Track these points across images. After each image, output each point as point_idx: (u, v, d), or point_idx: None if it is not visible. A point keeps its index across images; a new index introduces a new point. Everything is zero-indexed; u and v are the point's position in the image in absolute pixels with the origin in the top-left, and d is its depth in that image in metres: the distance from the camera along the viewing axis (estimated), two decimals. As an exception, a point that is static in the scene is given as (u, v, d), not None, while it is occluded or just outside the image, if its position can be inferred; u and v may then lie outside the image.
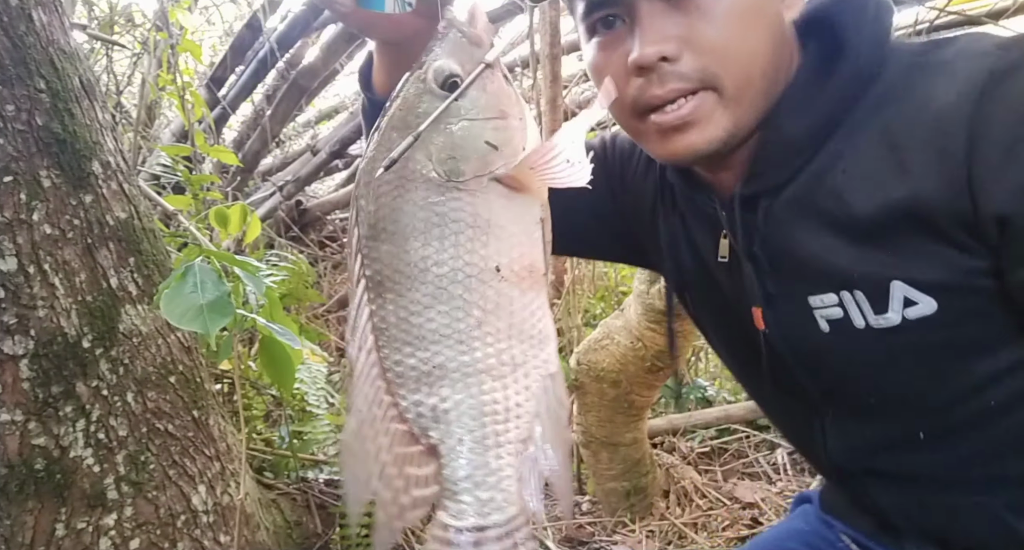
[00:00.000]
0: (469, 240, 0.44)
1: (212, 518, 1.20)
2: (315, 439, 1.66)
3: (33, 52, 1.03)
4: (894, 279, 0.58)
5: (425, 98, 0.45)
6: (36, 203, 1.01)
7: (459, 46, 0.46)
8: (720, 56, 0.58)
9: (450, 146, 0.44)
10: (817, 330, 0.64)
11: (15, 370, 0.99)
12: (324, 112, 4.24)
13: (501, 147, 0.44)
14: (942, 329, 0.58)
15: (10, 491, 1.00)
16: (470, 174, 0.44)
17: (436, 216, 0.44)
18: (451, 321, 0.44)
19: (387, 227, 0.45)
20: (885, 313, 0.59)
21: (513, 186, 0.45)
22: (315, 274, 3.01)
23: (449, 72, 0.44)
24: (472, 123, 0.44)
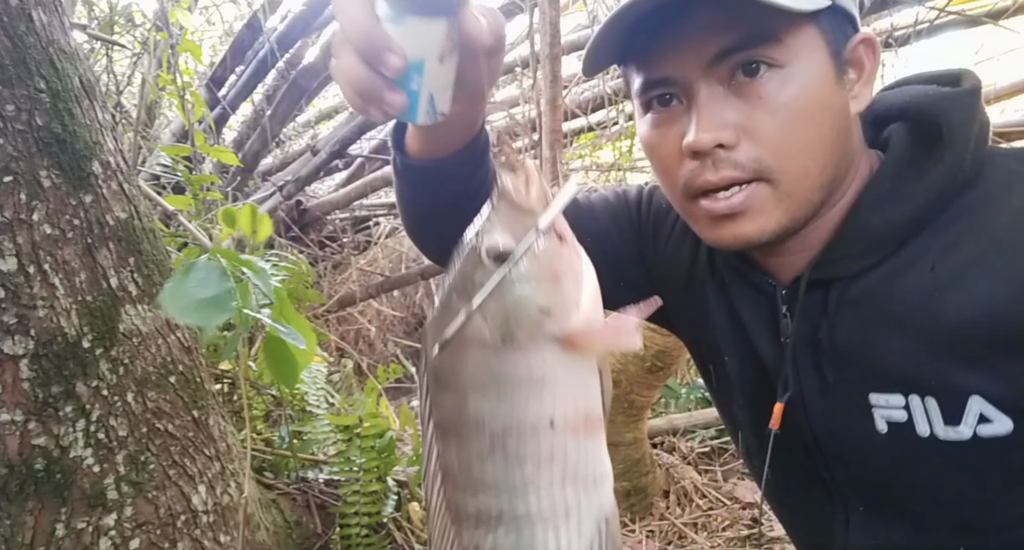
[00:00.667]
0: (524, 397, 0.46)
1: (212, 518, 1.20)
2: (315, 439, 1.66)
3: (33, 52, 1.03)
4: (975, 394, 0.56)
5: (479, 269, 0.47)
6: (36, 203, 1.01)
7: (510, 217, 0.48)
8: (777, 148, 0.56)
9: (503, 313, 0.46)
10: (873, 429, 0.61)
11: (15, 370, 0.99)
12: (324, 112, 4.24)
13: (553, 309, 0.46)
14: (1012, 452, 0.56)
15: (10, 491, 0.99)
16: (523, 338, 0.46)
17: (491, 375, 0.46)
18: (506, 473, 0.46)
19: (448, 380, 0.47)
20: (956, 426, 0.57)
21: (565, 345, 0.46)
22: (315, 274, 3.01)
23: (499, 250, 0.47)
24: (524, 289, 0.46)
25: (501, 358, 0.46)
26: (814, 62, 0.57)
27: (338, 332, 4.27)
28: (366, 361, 4.28)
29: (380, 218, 4.23)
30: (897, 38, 2.69)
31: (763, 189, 0.58)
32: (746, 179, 0.58)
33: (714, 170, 0.58)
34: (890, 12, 2.45)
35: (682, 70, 0.58)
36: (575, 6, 3.47)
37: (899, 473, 0.62)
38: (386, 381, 2.10)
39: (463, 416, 0.47)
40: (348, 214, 3.92)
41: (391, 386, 3.28)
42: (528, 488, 0.46)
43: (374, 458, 1.57)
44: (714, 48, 0.56)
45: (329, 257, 3.88)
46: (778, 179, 0.57)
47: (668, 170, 0.63)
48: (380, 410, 1.73)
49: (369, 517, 1.55)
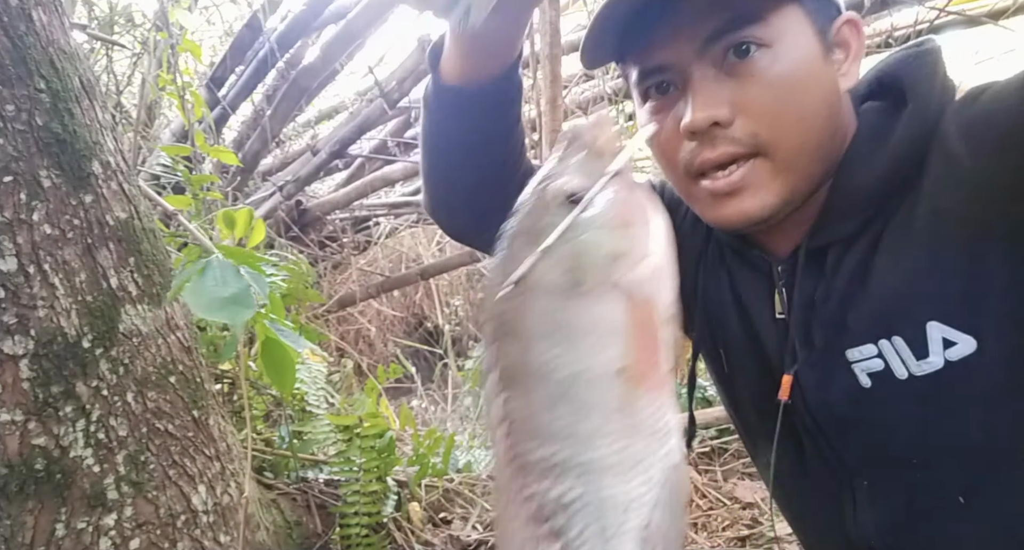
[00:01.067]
0: (591, 345, 0.45)
1: (212, 518, 1.20)
2: (315, 439, 1.66)
3: (33, 52, 1.03)
4: (930, 321, 0.57)
5: (548, 212, 0.47)
6: (36, 203, 1.01)
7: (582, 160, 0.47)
8: (772, 122, 0.58)
9: (572, 257, 0.45)
10: (858, 386, 0.62)
11: (15, 370, 0.99)
12: (324, 112, 4.24)
13: (623, 256, 0.45)
14: (988, 372, 0.57)
15: (10, 491, 0.99)
16: (592, 283, 0.45)
17: (558, 322, 0.45)
18: (573, 422, 0.45)
19: (513, 328, 0.47)
20: (927, 358, 0.58)
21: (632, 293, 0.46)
22: (315, 274, 3.01)
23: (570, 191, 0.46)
24: (594, 234, 0.45)
25: (568, 304, 0.45)
26: (801, 40, 0.59)
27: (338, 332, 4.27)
28: (366, 361, 4.28)
29: (380, 218, 4.23)
30: (897, 38, 2.69)
31: (761, 163, 0.59)
32: (744, 154, 0.59)
33: (712, 148, 0.59)
34: (890, 12, 2.45)
35: (675, 56, 0.60)
36: (575, 6, 3.47)
37: (893, 427, 0.63)
38: (386, 381, 2.10)
39: (528, 364, 0.46)
40: (348, 214, 3.92)
41: (391, 386, 3.28)
42: (595, 438, 0.45)
43: (374, 458, 1.57)
44: (704, 32, 0.58)
45: (329, 257, 3.88)
46: (775, 152, 0.59)
47: (669, 155, 0.65)
48: (380, 410, 1.73)
49: (369, 517, 1.55)
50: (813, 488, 0.72)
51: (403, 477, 1.78)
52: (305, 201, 3.52)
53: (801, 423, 0.69)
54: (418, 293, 5.21)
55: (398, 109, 3.14)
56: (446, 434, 1.88)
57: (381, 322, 4.81)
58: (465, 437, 2.44)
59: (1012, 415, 0.58)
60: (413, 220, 4.39)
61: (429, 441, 1.84)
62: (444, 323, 4.56)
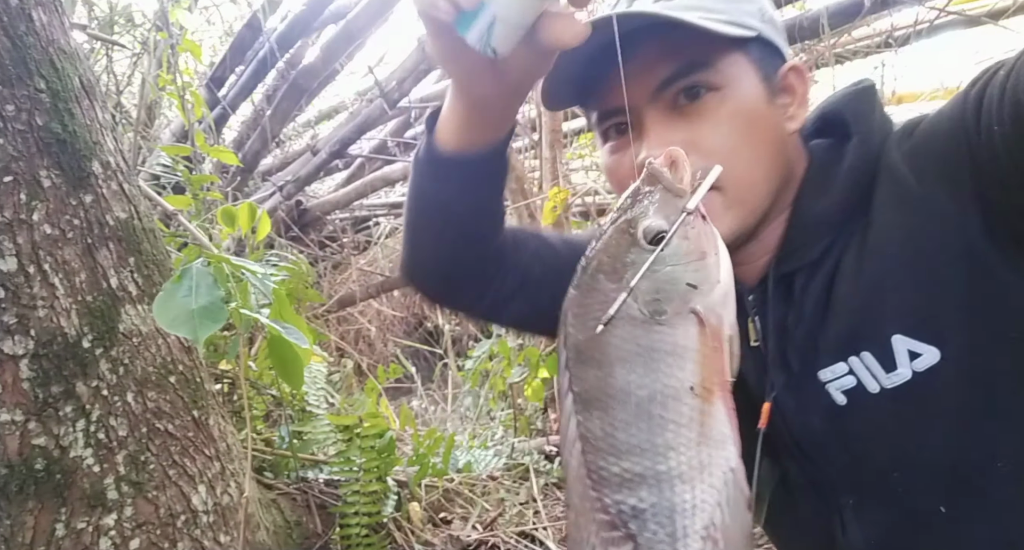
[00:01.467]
0: (668, 367, 0.49)
1: (212, 518, 1.20)
2: (315, 439, 1.66)
3: (33, 52, 1.03)
4: (894, 334, 0.60)
5: (633, 250, 0.50)
6: (36, 203, 1.01)
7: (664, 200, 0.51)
8: (722, 159, 0.61)
9: (654, 290, 0.49)
10: (834, 404, 0.64)
11: (15, 370, 0.99)
12: (324, 112, 4.24)
13: (700, 285, 0.49)
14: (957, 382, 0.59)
15: (10, 491, 0.99)
16: (671, 313, 0.49)
17: (639, 348, 0.50)
18: (650, 438, 0.50)
19: (594, 356, 0.51)
20: (896, 370, 0.60)
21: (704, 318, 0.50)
22: (315, 274, 3.01)
23: (658, 231, 0.50)
24: (675, 269, 0.49)
25: (650, 332, 0.49)
26: (747, 84, 0.64)
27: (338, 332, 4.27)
28: (366, 361, 4.28)
29: (380, 218, 4.24)
30: (897, 38, 2.69)
31: (713, 197, 0.62)
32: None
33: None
34: (890, 12, 2.45)
35: (631, 100, 0.63)
36: (575, 6, 3.47)
37: (872, 442, 0.65)
38: (386, 381, 2.10)
39: (609, 387, 0.50)
40: (348, 214, 3.92)
41: (391, 386, 3.28)
42: (669, 451, 0.49)
43: (374, 458, 1.57)
44: (658, 77, 0.63)
45: (329, 257, 3.88)
46: (726, 186, 0.62)
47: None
48: (380, 410, 1.73)
49: (369, 517, 1.55)
50: (800, 514, 0.74)
51: (403, 477, 1.78)
52: (305, 201, 3.52)
53: (784, 448, 0.71)
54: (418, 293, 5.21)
55: (398, 109, 3.14)
56: (446, 434, 1.88)
57: (381, 322, 4.81)
58: (465, 437, 2.44)
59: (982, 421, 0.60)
60: (413, 220, 4.38)
61: (429, 441, 1.84)
62: (444, 323, 4.56)
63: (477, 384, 2.59)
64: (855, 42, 2.99)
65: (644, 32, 0.61)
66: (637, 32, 0.61)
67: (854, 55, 2.98)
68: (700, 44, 0.62)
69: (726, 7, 0.63)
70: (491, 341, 2.47)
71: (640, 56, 0.63)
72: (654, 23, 0.61)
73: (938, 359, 0.59)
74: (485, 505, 1.85)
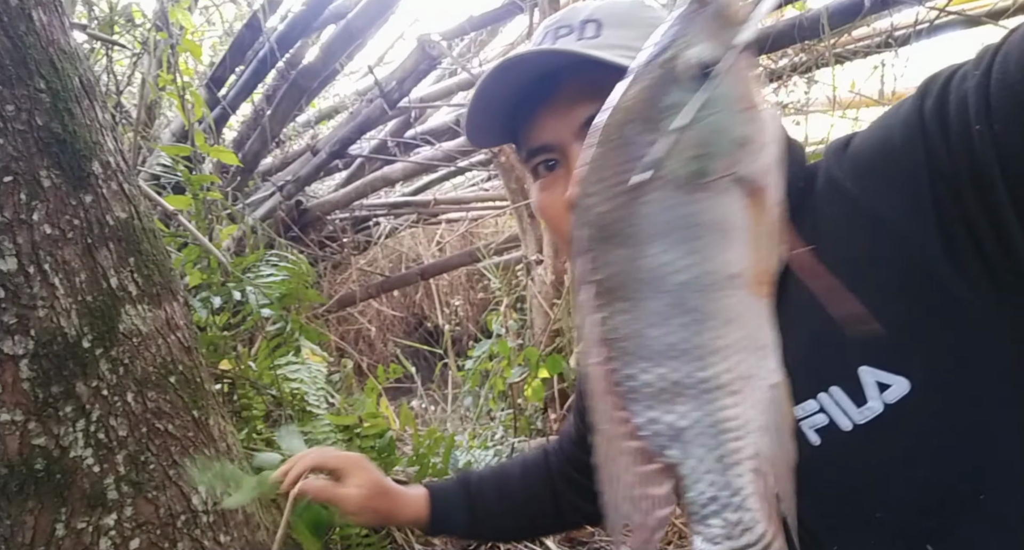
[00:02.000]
0: (709, 246, 0.40)
1: (212, 518, 1.20)
2: (315, 439, 1.66)
3: (33, 52, 1.03)
4: (860, 366, 0.58)
5: (673, 88, 0.40)
6: (36, 203, 1.01)
7: (714, 26, 0.40)
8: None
9: (698, 143, 0.39)
10: (809, 445, 0.62)
11: (15, 370, 0.99)
12: (324, 112, 4.24)
13: (749, 143, 0.39)
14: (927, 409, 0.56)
15: (10, 491, 0.99)
16: (717, 173, 0.39)
17: (678, 219, 0.40)
18: (690, 335, 0.41)
19: (622, 230, 0.41)
20: (866, 404, 0.58)
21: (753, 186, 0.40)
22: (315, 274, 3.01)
23: (706, 61, 0.39)
24: (723, 117, 0.39)
25: (691, 199, 0.40)
26: None
27: (338, 332, 4.27)
28: (366, 361, 4.28)
29: (380, 218, 4.24)
30: (897, 38, 2.69)
31: None
32: None
33: None
34: (890, 12, 2.45)
35: (557, 136, 0.66)
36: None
37: (851, 483, 0.62)
38: (386, 381, 2.10)
39: (639, 270, 0.41)
40: (348, 214, 3.92)
41: (391, 386, 3.28)
42: (709, 354, 0.41)
43: (374, 458, 1.57)
44: (582, 115, 0.64)
45: (329, 257, 3.88)
46: None
47: (559, 227, 0.70)
48: (380, 410, 1.73)
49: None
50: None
51: (403, 477, 1.78)
52: (305, 201, 3.52)
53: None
54: (418, 293, 5.21)
55: (398, 109, 3.14)
56: (446, 434, 1.88)
57: (381, 322, 4.81)
58: (465, 437, 2.44)
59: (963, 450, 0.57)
60: (413, 220, 4.39)
61: (429, 441, 1.84)
62: (444, 323, 4.56)
63: (477, 384, 2.59)
64: (855, 42, 2.99)
65: (567, 71, 0.64)
66: (560, 71, 0.64)
67: (854, 55, 2.98)
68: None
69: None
70: (491, 341, 2.47)
71: (564, 94, 0.65)
72: (578, 61, 0.62)
73: (908, 389, 0.56)
74: (485, 505, 1.85)
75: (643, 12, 0.68)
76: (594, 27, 0.65)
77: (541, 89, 0.66)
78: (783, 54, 3.01)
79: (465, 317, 5.04)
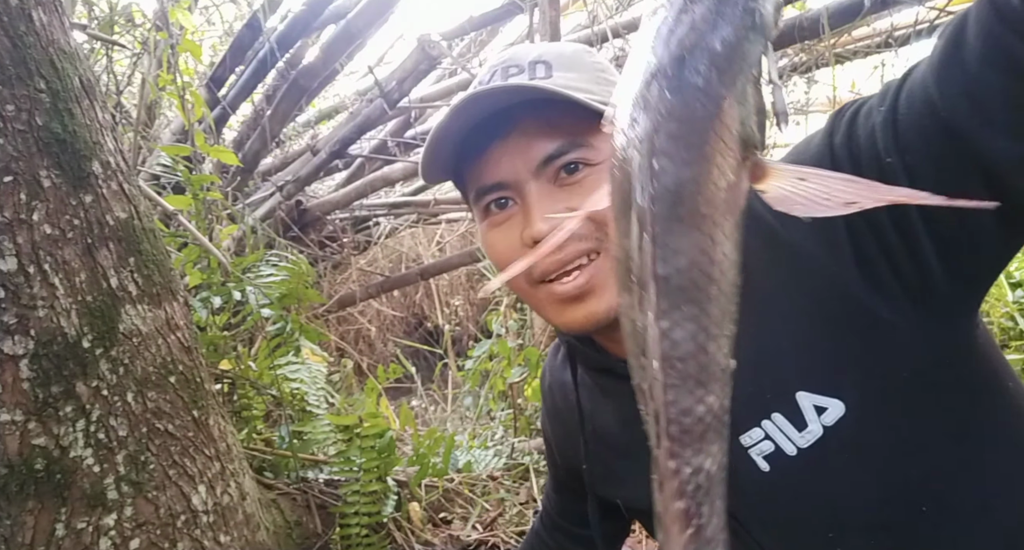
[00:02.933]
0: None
1: (212, 518, 1.20)
2: (315, 439, 1.66)
3: (33, 52, 1.03)
4: (797, 391, 0.59)
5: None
6: (36, 203, 1.01)
7: None
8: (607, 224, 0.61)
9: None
10: (759, 471, 0.63)
11: (15, 370, 0.99)
12: (324, 112, 4.23)
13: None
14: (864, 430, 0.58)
15: (10, 491, 0.99)
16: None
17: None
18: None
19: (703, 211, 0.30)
20: (807, 427, 0.59)
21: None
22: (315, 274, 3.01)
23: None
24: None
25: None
26: None
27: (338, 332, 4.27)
28: (366, 361, 4.29)
29: (380, 218, 4.23)
30: (897, 38, 2.69)
31: (602, 262, 0.63)
32: (588, 249, 0.63)
33: (559, 250, 0.63)
34: (890, 12, 2.45)
35: (513, 174, 0.65)
36: (575, 6, 3.47)
37: (801, 507, 0.63)
38: (386, 381, 2.10)
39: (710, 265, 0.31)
40: (348, 214, 3.92)
41: (391, 386, 3.28)
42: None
43: (374, 458, 1.57)
44: (540, 153, 0.64)
45: (329, 257, 3.88)
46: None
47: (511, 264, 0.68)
48: (380, 410, 1.73)
49: (369, 517, 1.55)
50: None
51: (403, 477, 1.78)
52: (305, 201, 3.52)
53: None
54: (418, 293, 5.21)
55: (398, 109, 3.13)
56: (446, 434, 1.88)
57: (381, 322, 4.81)
58: (465, 437, 2.44)
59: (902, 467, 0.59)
60: (413, 220, 4.39)
61: (429, 441, 1.84)
62: (444, 323, 4.56)
63: (477, 384, 2.59)
64: (855, 42, 2.99)
65: (521, 108, 0.63)
66: (514, 108, 0.64)
67: (854, 55, 2.98)
68: (575, 122, 0.63)
69: (596, 88, 0.64)
70: (491, 341, 2.47)
71: (519, 131, 0.64)
72: (533, 99, 0.62)
73: (843, 410, 0.58)
74: (485, 505, 1.85)
75: (587, 57, 0.69)
76: (544, 68, 0.65)
77: (492, 127, 0.65)
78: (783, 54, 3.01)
79: (465, 317, 5.04)
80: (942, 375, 0.58)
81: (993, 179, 0.46)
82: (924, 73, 0.49)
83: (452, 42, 3.49)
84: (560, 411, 0.88)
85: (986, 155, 0.46)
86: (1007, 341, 2.27)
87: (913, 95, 0.50)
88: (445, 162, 0.70)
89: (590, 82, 0.65)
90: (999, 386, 0.62)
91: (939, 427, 0.58)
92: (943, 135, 0.47)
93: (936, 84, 0.47)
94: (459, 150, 0.68)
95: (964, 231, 0.51)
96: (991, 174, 0.46)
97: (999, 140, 0.45)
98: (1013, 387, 0.62)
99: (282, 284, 1.73)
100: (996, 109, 0.44)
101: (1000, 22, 0.42)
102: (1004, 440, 0.61)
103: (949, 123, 0.47)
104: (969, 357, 0.60)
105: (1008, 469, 0.60)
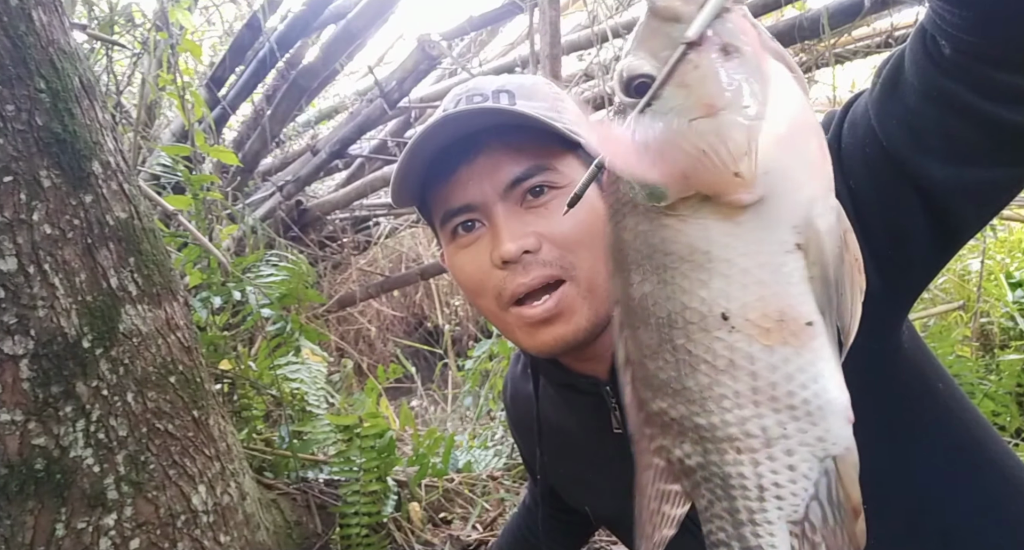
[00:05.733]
0: (684, 278, 0.36)
1: (212, 518, 1.20)
2: (315, 439, 1.66)
3: (33, 52, 1.03)
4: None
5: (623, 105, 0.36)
6: (36, 203, 1.01)
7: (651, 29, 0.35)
8: (572, 248, 0.65)
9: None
10: None
11: (15, 370, 0.99)
12: (324, 112, 4.24)
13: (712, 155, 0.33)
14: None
15: (10, 491, 0.99)
16: (673, 196, 0.34)
17: (647, 248, 0.36)
18: (679, 375, 0.37)
19: (614, 256, 0.40)
20: None
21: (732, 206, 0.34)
22: (315, 274, 3.01)
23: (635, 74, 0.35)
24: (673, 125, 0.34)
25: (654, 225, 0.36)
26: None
27: (338, 332, 4.27)
28: (366, 361, 4.28)
29: (380, 218, 4.23)
30: (897, 38, 2.69)
31: (569, 289, 0.65)
32: (553, 276, 0.65)
33: (525, 273, 0.65)
34: (890, 12, 2.45)
35: (481, 196, 0.67)
36: (575, 6, 3.47)
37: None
38: (386, 381, 2.10)
39: (629, 300, 0.39)
40: (348, 214, 3.92)
41: (391, 386, 3.28)
42: (708, 400, 0.37)
43: (374, 458, 1.57)
44: (507, 176, 0.66)
45: (329, 257, 3.88)
46: (578, 276, 0.65)
47: (480, 286, 0.70)
48: (380, 410, 1.73)
49: (369, 517, 1.55)
50: None
51: (403, 477, 1.78)
52: (305, 201, 3.52)
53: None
54: (418, 293, 5.21)
55: (398, 109, 3.14)
56: (446, 434, 1.88)
57: (381, 322, 4.81)
58: (465, 437, 2.44)
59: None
60: (413, 220, 4.39)
61: (429, 441, 1.84)
62: (444, 323, 4.56)
63: (477, 384, 2.59)
64: (855, 42, 2.99)
65: (487, 133, 0.66)
66: (480, 133, 0.66)
67: (854, 55, 2.98)
68: (540, 146, 0.65)
69: (556, 116, 0.66)
70: (491, 341, 2.46)
71: (486, 155, 0.67)
72: (498, 125, 0.65)
73: None
74: (485, 505, 1.85)
75: (546, 88, 0.72)
76: (507, 96, 0.68)
77: (459, 151, 0.67)
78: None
79: (465, 317, 5.04)
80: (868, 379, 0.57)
81: (929, 200, 0.51)
82: (866, 105, 0.54)
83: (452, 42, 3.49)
84: (523, 419, 0.91)
85: (924, 178, 0.50)
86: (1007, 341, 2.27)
87: (856, 125, 0.54)
88: (413, 186, 0.71)
89: (550, 110, 0.67)
90: (927, 388, 0.63)
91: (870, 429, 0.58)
92: (884, 161, 0.52)
93: (877, 116, 0.52)
94: (426, 175, 0.70)
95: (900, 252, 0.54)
96: (929, 196, 0.51)
97: (936, 165, 0.49)
98: (943, 389, 0.64)
99: (282, 284, 1.73)
100: (932, 138, 0.49)
101: (935, 66, 0.46)
102: (936, 440, 0.62)
103: (890, 151, 0.51)
104: (895, 362, 0.62)
105: (941, 469, 0.62)
